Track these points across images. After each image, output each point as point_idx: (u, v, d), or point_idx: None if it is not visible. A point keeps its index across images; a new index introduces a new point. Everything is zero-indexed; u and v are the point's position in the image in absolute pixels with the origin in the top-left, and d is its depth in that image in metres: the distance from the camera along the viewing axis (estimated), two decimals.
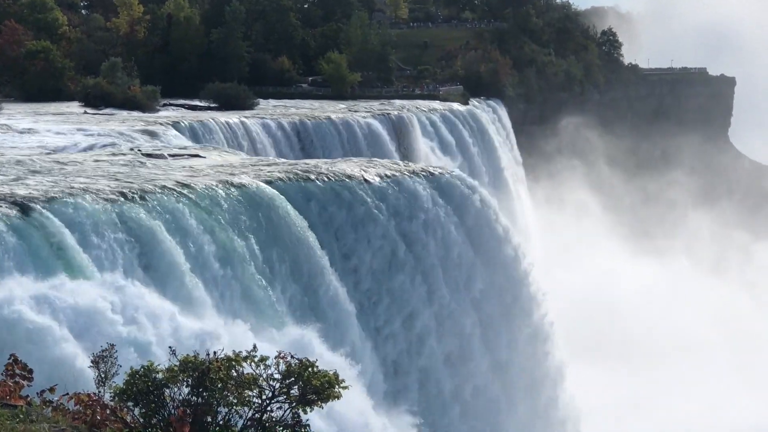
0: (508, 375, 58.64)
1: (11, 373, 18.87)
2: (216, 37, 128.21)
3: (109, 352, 19.79)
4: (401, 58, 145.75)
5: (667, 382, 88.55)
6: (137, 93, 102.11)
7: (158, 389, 18.81)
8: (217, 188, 46.18)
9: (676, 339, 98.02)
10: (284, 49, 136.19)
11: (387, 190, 53.97)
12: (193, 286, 39.80)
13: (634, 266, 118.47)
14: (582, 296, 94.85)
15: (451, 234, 56.06)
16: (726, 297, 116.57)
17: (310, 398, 19.23)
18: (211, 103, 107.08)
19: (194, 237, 41.98)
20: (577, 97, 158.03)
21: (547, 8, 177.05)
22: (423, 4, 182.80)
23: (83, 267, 36.02)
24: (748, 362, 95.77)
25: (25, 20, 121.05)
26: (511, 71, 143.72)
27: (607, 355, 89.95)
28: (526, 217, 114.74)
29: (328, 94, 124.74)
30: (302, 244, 47.47)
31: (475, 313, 56.62)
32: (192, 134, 79.50)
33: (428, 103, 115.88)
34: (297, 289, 46.57)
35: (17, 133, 70.82)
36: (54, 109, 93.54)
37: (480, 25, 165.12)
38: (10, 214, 36.88)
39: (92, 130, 73.39)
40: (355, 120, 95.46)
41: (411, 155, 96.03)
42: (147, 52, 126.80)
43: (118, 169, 51.63)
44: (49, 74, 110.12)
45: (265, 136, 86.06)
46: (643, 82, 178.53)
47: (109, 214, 39.71)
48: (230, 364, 19.01)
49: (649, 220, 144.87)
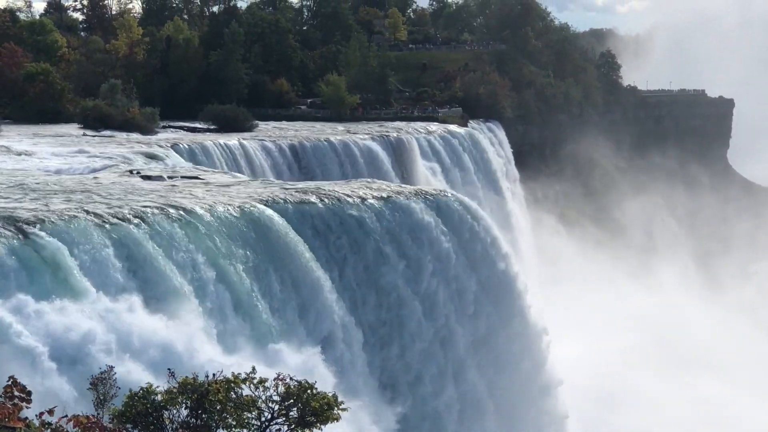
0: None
1: (10, 395, 18.81)
2: (215, 59, 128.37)
3: (107, 374, 19.74)
4: (400, 80, 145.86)
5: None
6: (136, 115, 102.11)
7: (157, 411, 18.78)
8: (215, 210, 46.19)
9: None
10: (283, 71, 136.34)
11: (385, 211, 54.01)
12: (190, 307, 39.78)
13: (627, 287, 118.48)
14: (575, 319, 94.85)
15: (450, 255, 56.08)
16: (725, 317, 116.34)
17: (309, 420, 19.19)
18: (210, 125, 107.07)
19: (191, 257, 41.98)
20: (576, 118, 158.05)
21: (546, 30, 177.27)
22: (422, 26, 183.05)
23: (80, 288, 36.01)
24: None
25: (24, 42, 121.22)
26: (509, 93, 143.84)
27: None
28: (524, 236, 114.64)
29: (326, 116, 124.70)
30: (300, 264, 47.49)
31: (470, 333, 56.73)
32: (191, 156, 79.54)
33: (427, 125, 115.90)
34: (294, 307, 46.53)
35: (16, 155, 70.80)
36: (53, 131, 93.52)
37: (479, 47, 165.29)
38: (8, 235, 36.88)
39: (91, 152, 73.41)
40: (354, 142, 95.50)
41: (410, 177, 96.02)
42: (146, 74, 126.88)
43: (116, 190, 51.63)
44: (48, 96, 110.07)
45: (263, 158, 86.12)
46: (641, 103, 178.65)
47: (106, 235, 39.71)
48: (229, 386, 18.98)
49: (649, 241, 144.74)
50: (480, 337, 57.19)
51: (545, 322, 61.22)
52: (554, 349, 61.75)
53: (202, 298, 40.87)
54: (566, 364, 65.05)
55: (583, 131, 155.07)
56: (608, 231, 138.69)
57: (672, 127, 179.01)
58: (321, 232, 50.76)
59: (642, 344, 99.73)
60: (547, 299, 74.14)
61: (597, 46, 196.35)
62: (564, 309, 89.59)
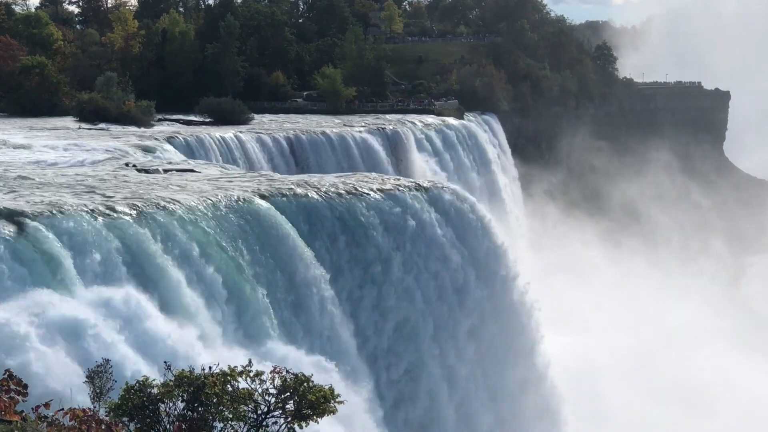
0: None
1: (6, 388, 18.79)
2: (211, 52, 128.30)
3: (104, 368, 19.72)
4: (396, 72, 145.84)
5: None
6: (132, 108, 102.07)
7: (153, 404, 18.76)
8: (210, 202, 46.15)
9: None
10: (279, 64, 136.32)
11: (381, 204, 53.99)
12: (189, 300, 39.77)
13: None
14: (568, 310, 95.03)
15: (445, 246, 56.08)
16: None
17: (305, 413, 19.18)
18: (206, 118, 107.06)
19: (187, 251, 41.95)
20: (572, 111, 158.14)
21: (542, 23, 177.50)
22: (418, 19, 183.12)
23: (75, 281, 35.98)
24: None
25: (20, 35, 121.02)
26: (505, 85, 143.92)
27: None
28: (521, 228, 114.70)
29: (322, 109, 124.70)
30: (296, 257, 47.44)
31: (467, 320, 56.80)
32: (187, 149, 79.45)
33: (423, 118, 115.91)
34: (289, 303, 46.49)
35: (12, 148, 70.73)
36: (49, 124, 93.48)
37: (475, 40, 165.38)
38: (4, 228, 36.83)
39: (87, 145, 73.33)
40: (350, 134, 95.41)
41: (406, 169, 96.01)
42: (142, 67, 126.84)
43: (112, 183, 51.58)
44: (44, 89, 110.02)
45: (259, 150, 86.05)
46: (637, 96, 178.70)
47: (102, 228, 39.66)
48: (225, 379, 18.97)
49: (645, 234, 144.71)
50: (474, 327, 57.19)
51: (539, 311, 61.18)
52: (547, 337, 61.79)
53: (198, 291, 40.81)
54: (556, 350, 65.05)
55: (579, 123, 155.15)
56: (604, 223, 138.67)
57: (668, 119, 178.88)
58: (317, 226, 50.69)
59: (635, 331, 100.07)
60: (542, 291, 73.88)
61: (593, 39, 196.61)
62: (558, 301, 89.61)
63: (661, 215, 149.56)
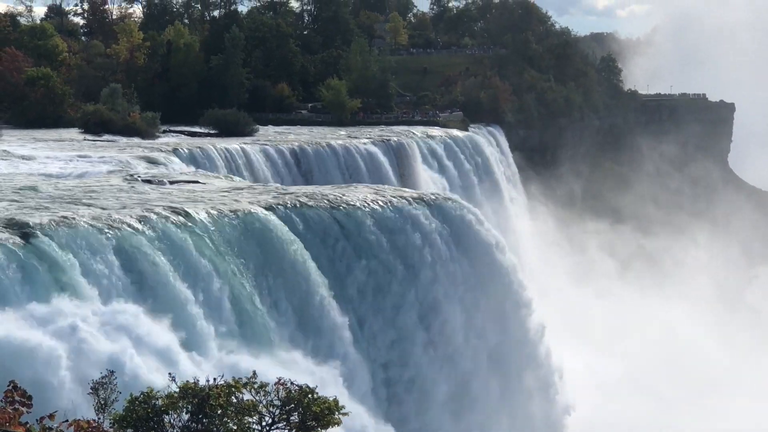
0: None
1: (11, 399, 18.78)
2: (216, 64, 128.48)
3: (108, 379, 19.69)
4: (401, 84, 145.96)
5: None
6: (137, 119, 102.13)
7: (158, 416, 18.72)
8: (215, 214, 46.17)
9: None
10: (284, 76, 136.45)
11: (386, 215, 53.99)
12: (193, 314, 39.78)
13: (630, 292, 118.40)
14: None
15: (450, 259, 56.07)
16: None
17: (310, 425, 19.15)
18: (211, 130, 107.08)
19: (193, 263, 41.98)
20: (577, 122, 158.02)
21: (547, 34, 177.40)
22: (423, 31, 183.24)
23: (81, 293, 36.00)
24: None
25: (25, 47, 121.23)
26: (510, 97, 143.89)
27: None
28: (525, 241, 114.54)
29: (327, 121, 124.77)
30: (299, 269, 47.45)
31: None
32: (192, 161, 79.47)
33: (428, 130, 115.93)
34: (293, 313, 46.49)
35: (17, 159, 70.80)
36: (54, 136, 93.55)
37: (479, 52, 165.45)
38: (10, 239, 36.87)
39: (92, 157, 73.41)
40: (354, 146, 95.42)
41: (411, 181, 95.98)
42: (147, 79, 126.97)
43: (116, 195, 51.61)
44: (49, 101, 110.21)
45: (264, 162, 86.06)
46: (642, 108, 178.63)
47: (106, 239, 39.69)
48: (230, 391, 18.94)
49: (651, 244, 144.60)
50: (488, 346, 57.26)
51: (544, 321, 61.27)
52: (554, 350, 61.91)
53: (201, 303, 40.84)
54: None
55: (584, 135, 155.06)
56: (610, 234, 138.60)
57: (673, 131, 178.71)
58: (321, 237, 50.71)
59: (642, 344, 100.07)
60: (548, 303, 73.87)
61: (598, 50, 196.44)
62: (563, 314, 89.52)
63: (665, 226, 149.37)
